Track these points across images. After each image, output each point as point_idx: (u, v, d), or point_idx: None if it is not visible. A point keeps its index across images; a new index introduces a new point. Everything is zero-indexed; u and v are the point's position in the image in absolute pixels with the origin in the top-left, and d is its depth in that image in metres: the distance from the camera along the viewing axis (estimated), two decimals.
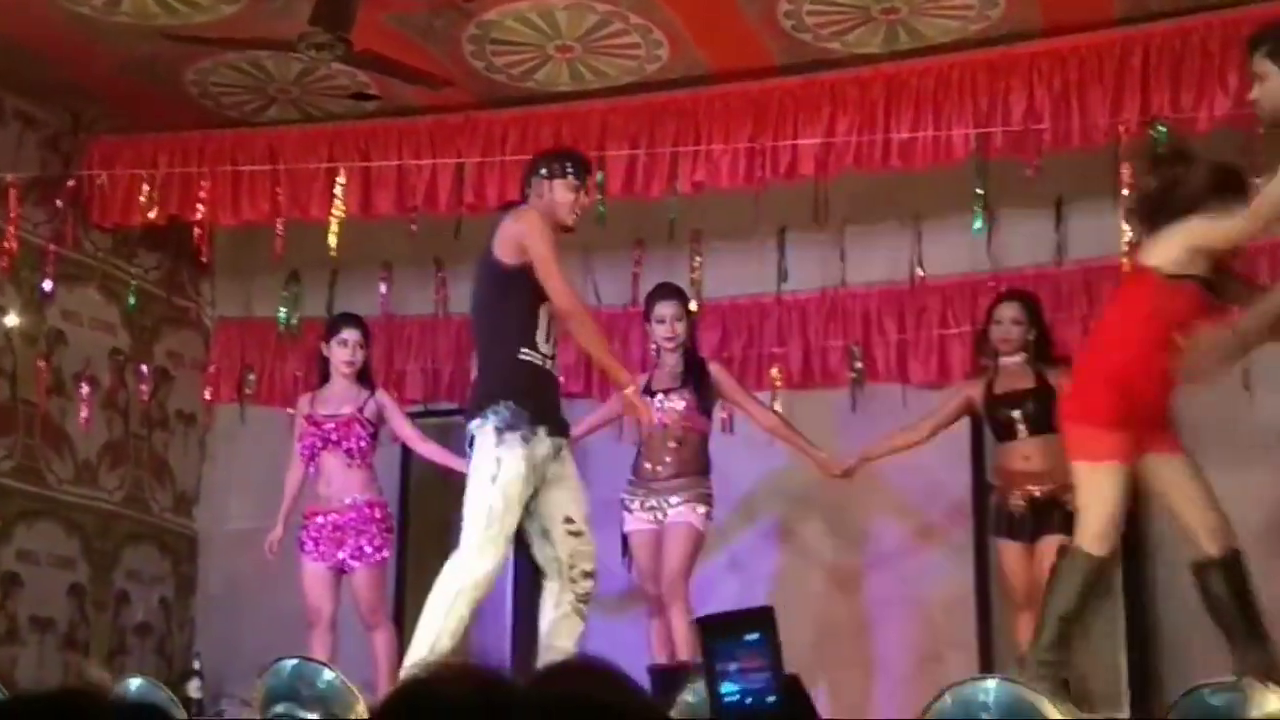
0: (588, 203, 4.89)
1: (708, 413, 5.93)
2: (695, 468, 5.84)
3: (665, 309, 5.94)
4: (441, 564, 4.65)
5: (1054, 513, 5.58)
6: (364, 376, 6.11)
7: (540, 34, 6.36)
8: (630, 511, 5.85)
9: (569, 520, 4.60)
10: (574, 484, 4.68)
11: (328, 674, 4.09)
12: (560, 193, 4.81)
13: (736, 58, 6.53)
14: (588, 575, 4.64)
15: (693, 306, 6.87)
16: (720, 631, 3.80)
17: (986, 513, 6.12)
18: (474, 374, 5.01)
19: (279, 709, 4.24)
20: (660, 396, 5.87)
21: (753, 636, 3.70)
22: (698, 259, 7.06)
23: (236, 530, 7.69)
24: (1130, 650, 5.97)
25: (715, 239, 7.09)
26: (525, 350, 4.56)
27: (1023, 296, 5.92)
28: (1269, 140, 5.54)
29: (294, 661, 4.20)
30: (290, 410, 7.50)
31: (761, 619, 3.60)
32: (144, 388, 7.54)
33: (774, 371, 6.91)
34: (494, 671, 1.25)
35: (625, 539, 5.88)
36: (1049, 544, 5.52)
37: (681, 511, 5.77)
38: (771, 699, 3.37)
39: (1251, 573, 4.38)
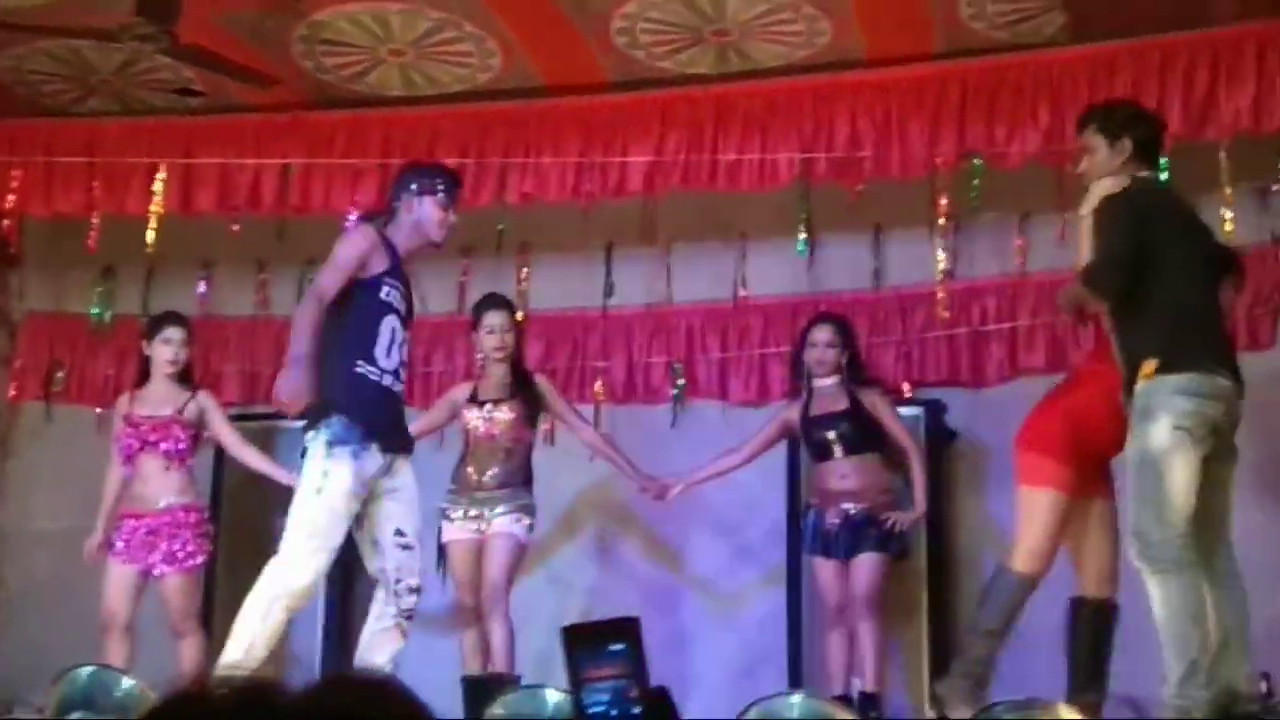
0: (454, 221, 4.77)
1: (533, 424, 5.94)
2: (520, 479, 5.85)
3: (495, 319, 5.93)
4: (255, 571, 4.57)
5: (869, 531, 5.73)
6: (186, 377, 5.97)
7: (372, 37, 6.31)
8: (451, 520, 5.82)
9: (399, 533, 4.54)
10: (408, 497, 4.61)
11: (126, 681, 3.99)
12: (429, 209, 4.72)
13: (569, 71, 6.57)
14: (413, 590, 4.57)
15: (519, 317, 6.92)
16: (586, 640, 3.80)
17: (801, 532, 6.25)
18: None
19: (74, 717, 4.12)
20: (489, 406, 5.86)
21: (618, 646, 3.72)
22: (525, 270, 7.07)
23: (40, 530, 7.45)
24: (933, 667, 6.14)
25: (543, 251, 7.11)
26: (361, 363, 4.48)
27: (835, 319, 6.06)
28: (1076, 180, 5.80)
29: (90, 668, 4.08)
30: (99, 409, 7.34)
31: (627, 629, 3.62)
32: None
33: (597, 385, 6.96)
34: (266, 682, 1.25)
35: (443, 549, 5.85)
36: (863, 561, 5.67)
37: (505, 522, 5.76)
38: (637, 710, 3.38)
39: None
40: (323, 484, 4.38)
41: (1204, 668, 3.99)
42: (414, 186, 4.74)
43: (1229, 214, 5.81)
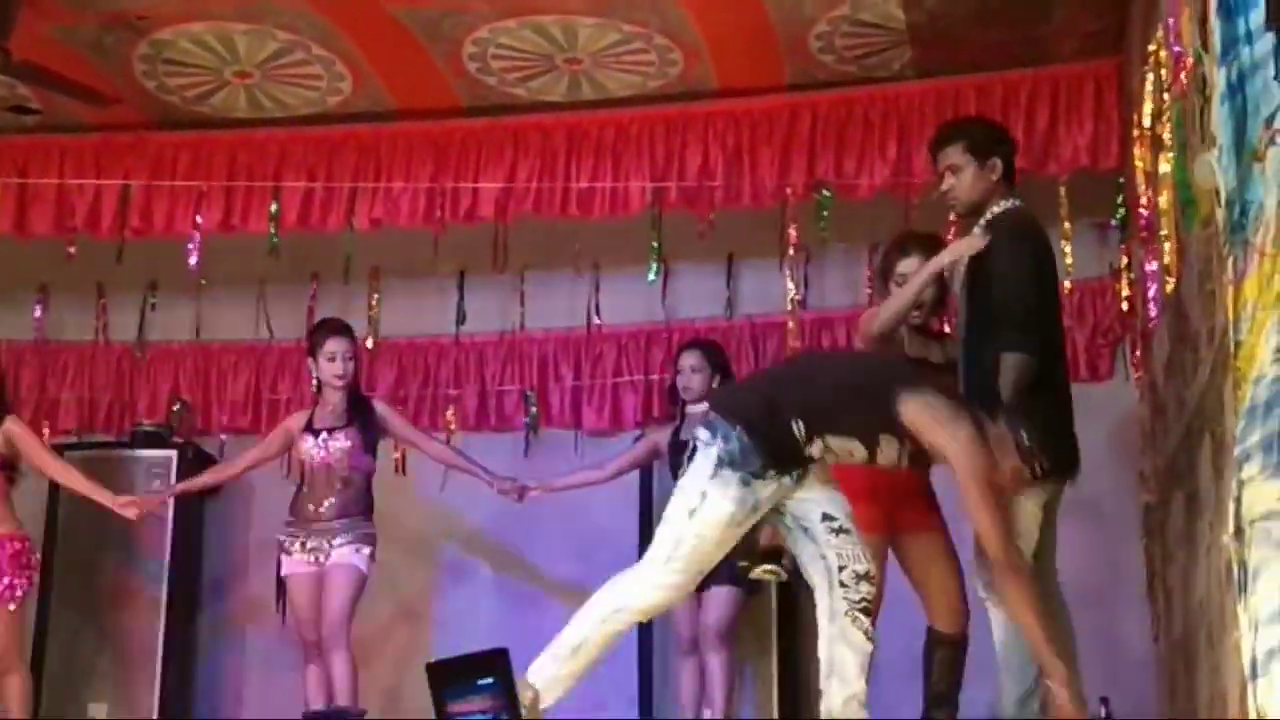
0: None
1: (372, 452, 5.82)
2: (359, 508, 5.72)
3: (335, 345, 5.79)
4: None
5: (723, 564, 5.68)
6: None
7: (217, 58, 6.18)
8: (289, 554, 5.67)
9: (828, 518, 3.88)
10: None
11: None
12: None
13: (420, 96, 6.49)
14: (860, 577, 3.88)
15: (369, 343, 6.82)
16: (452, 675, 3.71)
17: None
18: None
19: None
20: (324, 435, 5.73)
21: (486, 680, 3.63)
22: (376, 296, 6.96)
23: None
24: (781, 698, 6.16)
25: (394, 277, 7.01)
26: None
27: (703, 345, 6.02)
28: (924, 211, 5.89)
29: None
30: None
31: (495, 663, 3.54)
32: None
33: (449, 413, 6.87)
34: None
35: (281, 583, 5.70)
36: (716, 594, 5.64)
37: (344, 553, 5.63)
38: None
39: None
40: (698, 505, 3.82)
41: (1039, 692, 4.03)
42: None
43: (1068, 248, 5.93)
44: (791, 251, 6.26)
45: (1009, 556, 3.74)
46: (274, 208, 6.41)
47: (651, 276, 6.38)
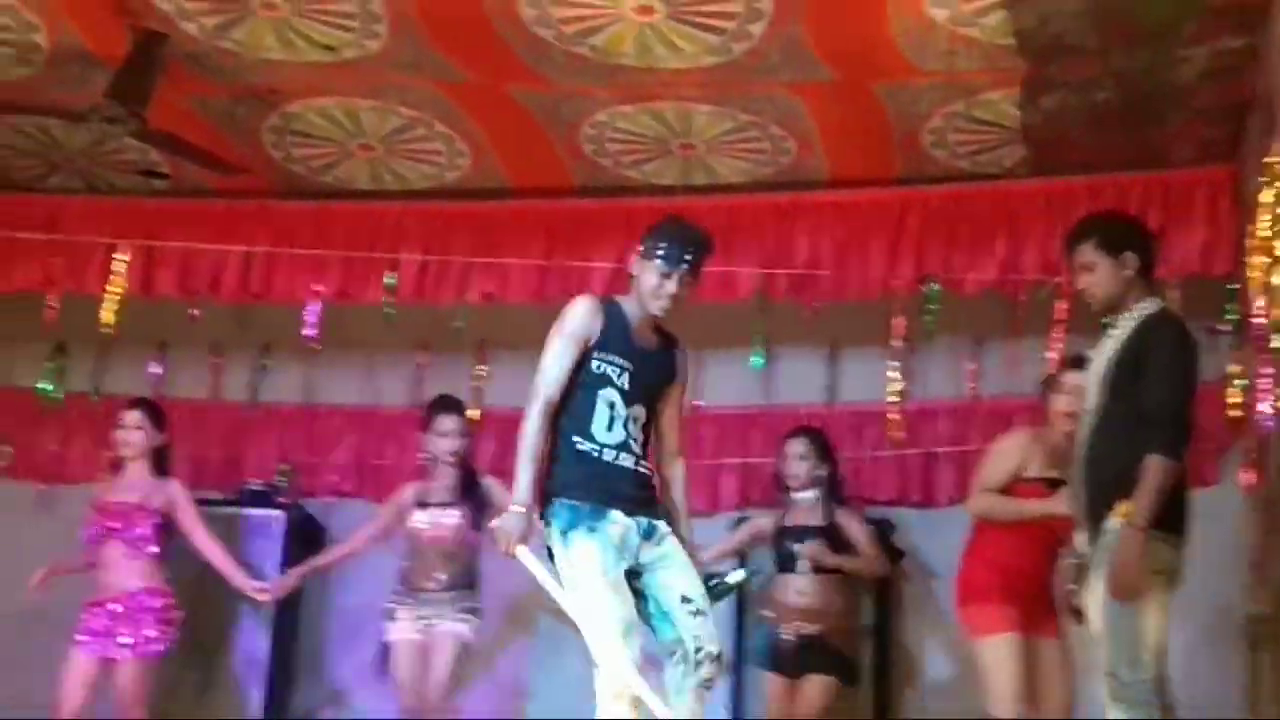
0: (675, 290, 4.18)
1: (480, 527, 5.90)
2: (466, 580, 5.83)
3: (448, 424, 5.91)
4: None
5: (822, 652, 5.70)
6: (159, 464, 5.90)
7: (343, 131, 6.36)
8: (395, 620, 5.77)
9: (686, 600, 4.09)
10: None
11: None
12: (646, 275, 4.22)
13: (536, 175, 6.63)
14: (714, 658, 4.05)
15: (474, 415, 6.93)
16: None
17: (743, 643, 6.24)
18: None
19: None
20: (435, 510, 5.84)
21: None
22: (482, 368, 7.08)
23: None
24: None
25: (502, 349, 7.12)
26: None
27: (809, 433, 6.05)
28: (1029, 308, 5.91)
29: None
30: (42, 485, 7.27)
31: None
32: None
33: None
34: None
35: (386, 649, 5.79)
36: (813, 683, 5.64)
37: (451, 624, 5.73)
38: None
39: None
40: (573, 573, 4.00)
41: None
42: (641, 247, 4.25)
43: None
44: (896, 342, 6.28)
45: None
46: (390, 279, 6.55)
47: (756, 361, 6.40)
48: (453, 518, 5.82)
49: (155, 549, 5.74)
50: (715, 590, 4.18)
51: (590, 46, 5.47)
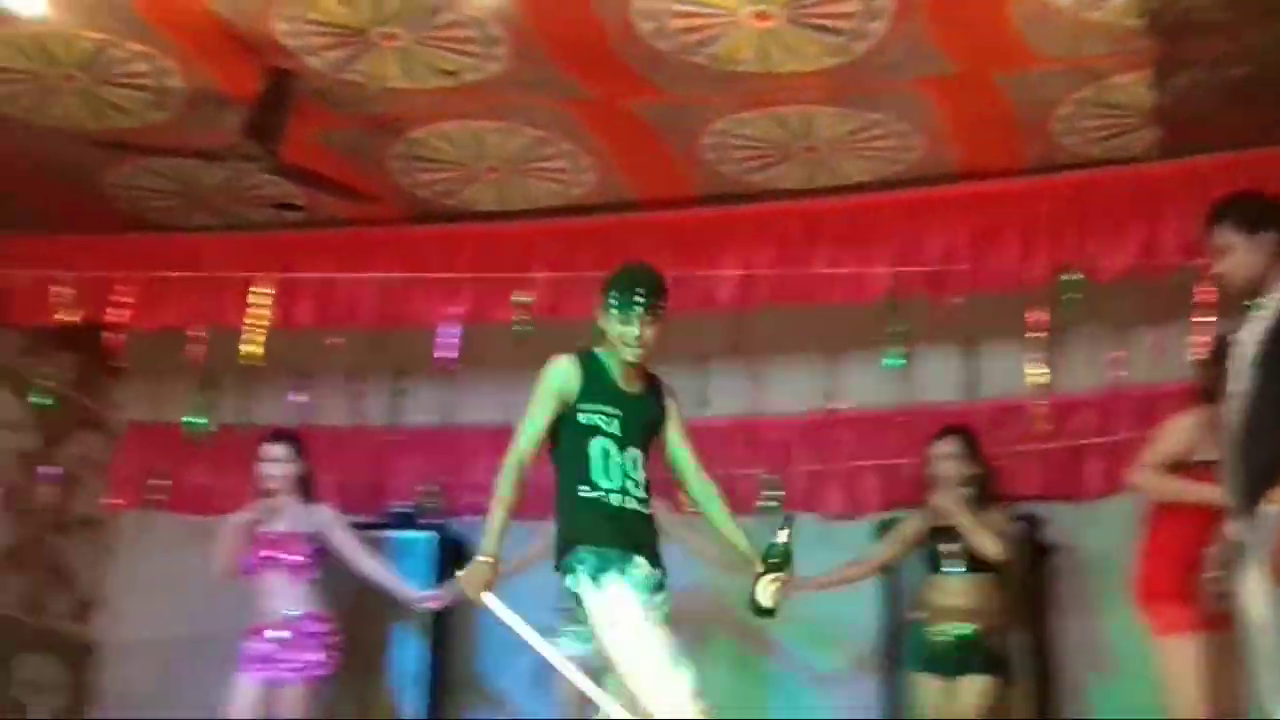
0: (639, 333, 4.29)
1: None
2: None
3: None
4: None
5: (978, 652, 5.61)
6: (306, 491, 6.04)
7: (468, 153, 6.43)
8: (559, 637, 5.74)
9: None
10: None
11: None
12: (609, 326, 4.34)
13: (660, 186, 6.64)
14: None
15: None
16: None
17: (899, 645, 6.18)
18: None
19: None
20: None
21: None
22: None
23: (137, 639, 7.55)
24: None
25: None
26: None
27: (957, 432, 5.97)
28: (1171, 292, 5.76)
29: None
30: (196, 517, 7.44)
31: None
32: (49, 491, 7.41)
33: (682, 496, 6.91)
34: None
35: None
36: (971, 684, 5.56)
37: None
38: None
39: None
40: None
41: None
42: (605, 300, 4.36)
43: None
44: (1035, 334, 6.16)
45: None
46: (523, 297, 6.60)
47: (894, 360, 6.32)
48: None
49: (312, 574, 5.87)
50: (772, 557, 4.24)
51: (708, 55, 5.47)
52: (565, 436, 4.25)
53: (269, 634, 5.79)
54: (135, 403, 7.85)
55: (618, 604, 4.03)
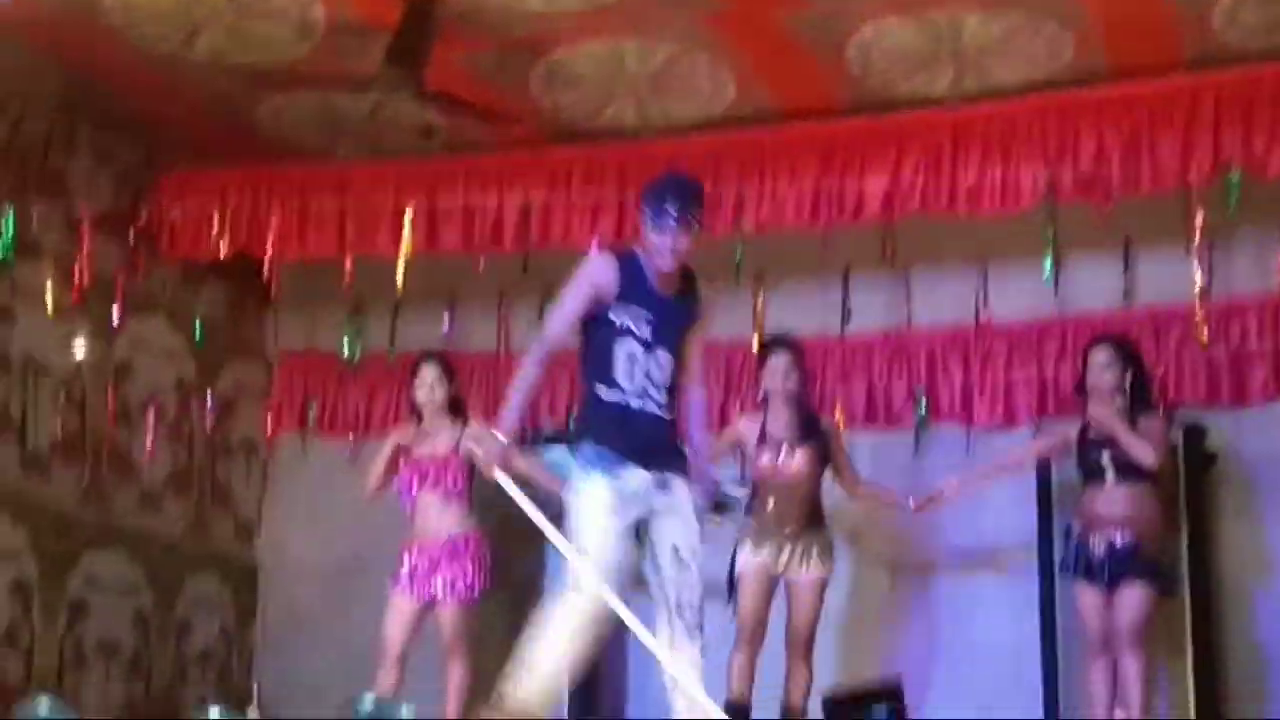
0: (672, 245, 4.24)
1: (823, 466, 5.91)
2: (817, 520, 5.84)
3: (779, 360, 5.88)
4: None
5: (1134, 561, 5.53)
6: (457, 411, 6.10)
7: (608, 73, 6.39)
8: (749, 552, 5.78)
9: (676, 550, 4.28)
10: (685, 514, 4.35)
11: (405, 710, 4.11)
12: (647, 236, 4.30)
13: (803, 98, 6.55)
14: (694, 607, 4.25)
15: (754, 346, 6.94)
16: (847, 708, 3.77)
17: (1052, 555, 6.12)
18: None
19: None
20: (783, 450, 5.81)
21: (881, 712, 3.68)
22: (761, 297, 7.06)
23: (296, 560, 7.75)
24: (1199, 702, 5.92)
25: (779, 277, 7.09)
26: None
27: (1112, 340, 5.85)
28: None
29: (371, 697, 4.21)
30: (352, 441, 7.61)
31: (890, 692, 3.58)
32: (208, 418, 7.62)
33: (836, 411, 6.89)
34: None
35: (736, 577, 5.78)
36: (1128, 593, 5.49)
37: (811, 566, 5.75)
38: None
39: None
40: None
41: None
42: (643, 209, 4.35)
43: None
44: (1196, 237, 5.98)
45: None
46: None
47: (1047, 269, 6.18)
48: (797, 459, 5.78)
49: (464, 494, 5.94)
50: (721, 503, 4.37)
51: None
52: (595, 334, 4.26)
53: (422, 554, 5.88)
54: (288, 331, 8.01)
55: (591, 498, 4.12)
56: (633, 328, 4.25)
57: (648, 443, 4.24)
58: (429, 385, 6.03)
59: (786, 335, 6.11)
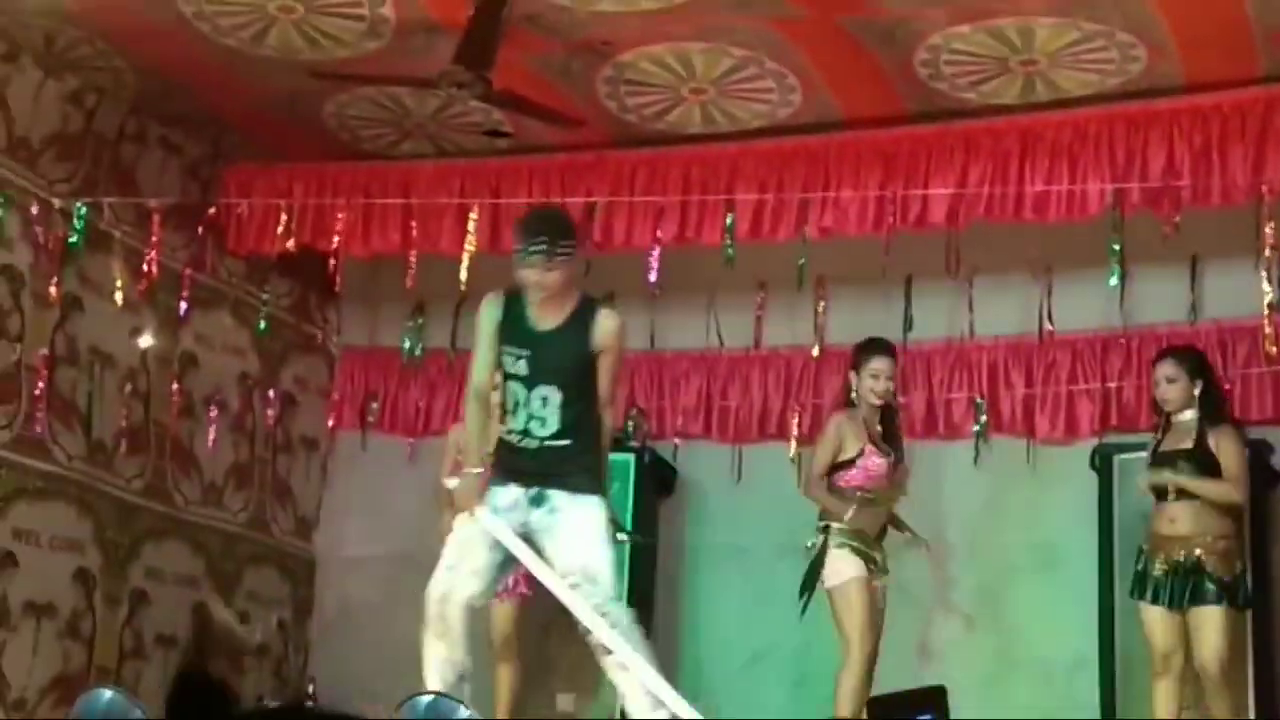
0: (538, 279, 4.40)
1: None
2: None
3: (881, 364, 5.74)
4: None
5: (1200, 582, 5.40)
6: None
7: (674, 76, 6.40)
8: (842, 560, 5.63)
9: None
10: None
11: (463, 711, 4.13)
12: (518, 271, 4.49)
13: (869, 104, 6.52)
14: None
15: (815, 352, 6.94)
16: (892, 711, 3.77)
17: (1112, 572, 6.06)
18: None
19: None
20: (879, 454, 5.69)
21: (925, 716, 3.67)
22: (823, 304, 7.03)
23: (354, 556, 7.81)
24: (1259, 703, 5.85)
25: (841, 284, 7.06)
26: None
27: (1177, 353, 5.75)
28: None
29: (429, 697, 4.23)
30: (412, 439, 7.65)
31: (934, 698, 3.57)
32: (270, 412, 7.69)
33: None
34: None
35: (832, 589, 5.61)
36: (1198, 616, 5.38)
37: (886, 576, 5.70)
38: None
39: None
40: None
41: None
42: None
43: None
44: (1267, 251, 5.90)
45: None
46: (729, 219, 6.56)
47: (1113, 280, 6.11)
48: (880, 463, 5.69)
49: None
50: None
51: None
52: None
53: None
54: (351, 328, 8.07)
55: (463, 524, 4.43)
56: (512, 368, 4.45)
57: (527, 468, 4.45)
58: None
59: (885, 340, 5.94)
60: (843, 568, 5.52)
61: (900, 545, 6.59)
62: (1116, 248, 6.04)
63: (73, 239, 6.49)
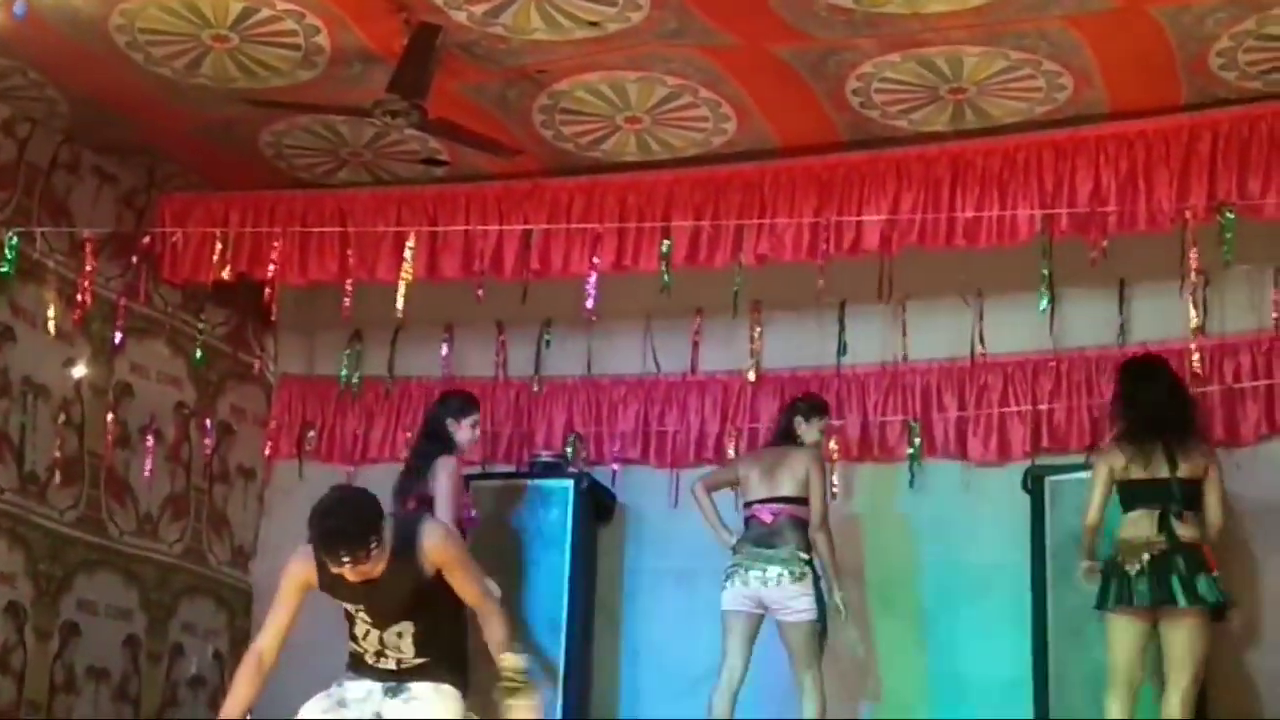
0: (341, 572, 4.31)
1: None
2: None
3: None
4: None
5: (1170, 576, 5.40)
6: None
7: (610, 105, 6.45)
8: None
9: None
10: None
11: None
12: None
13: (803, 132, 6.60)
14: None
15: (750, 377, 7.00)
16: None
17: (1044, 593, 6.14)
18: None
19: None
20: None
21: None
22: (758, 329, 7.10)
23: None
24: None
25: (776, 310, 7.13)
26: None
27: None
28: None
29: None
30: (349, 468, 7.62)
31: None
32: (207, 441, 7.65)
33: (832, 443, 6.92)
34: None
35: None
36: (1171, 617, 5.39)
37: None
38: None
39: None
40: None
41: None
42: None
43: None
44: (1191, 276, 6.02)
45: None
46: (665, 246, 6.60)
47: (1043, 305, 6.20)
48: None
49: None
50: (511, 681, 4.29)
51: None
52: None
53: None
54: (287, 356, 8.04)
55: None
56: (355, 614, 4.44)
57: (386, 677, 4.44)
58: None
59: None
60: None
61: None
62: (1046, 272, 6.12)
63: (4, 269, 6.42)
